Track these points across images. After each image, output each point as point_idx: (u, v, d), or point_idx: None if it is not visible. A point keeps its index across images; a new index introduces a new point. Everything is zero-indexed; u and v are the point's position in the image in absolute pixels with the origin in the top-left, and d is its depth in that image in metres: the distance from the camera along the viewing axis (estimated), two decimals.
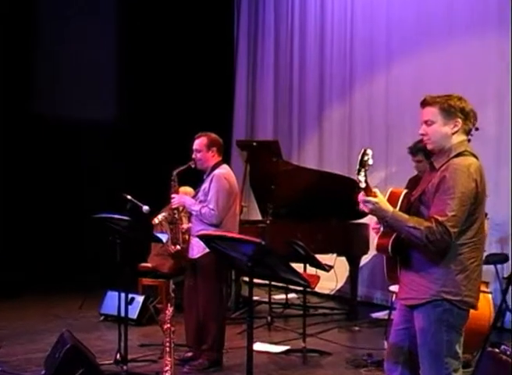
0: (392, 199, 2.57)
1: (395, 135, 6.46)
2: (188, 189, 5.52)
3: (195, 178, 4.45)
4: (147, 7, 7.91)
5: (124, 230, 3.95)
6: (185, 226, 4.39)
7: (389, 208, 2.48)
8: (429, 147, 2.59)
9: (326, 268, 4.36)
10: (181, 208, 4.34)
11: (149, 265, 5.79)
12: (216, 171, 4.17)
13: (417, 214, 2.52)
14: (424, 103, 2.57)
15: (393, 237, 2.53)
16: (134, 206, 4.79)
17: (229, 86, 8.48)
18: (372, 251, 5.82)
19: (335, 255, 5.86)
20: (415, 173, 4.37)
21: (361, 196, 2.46)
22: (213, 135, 4.28)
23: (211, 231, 3.83)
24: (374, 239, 2.66)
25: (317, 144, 7.56)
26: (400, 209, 2.54)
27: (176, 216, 4.27)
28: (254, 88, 8.42)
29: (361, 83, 7.03)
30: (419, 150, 4.04)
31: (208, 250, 3.69)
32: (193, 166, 4.23)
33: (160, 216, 5.00)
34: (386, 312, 5.39)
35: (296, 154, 7.77)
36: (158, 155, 7.56)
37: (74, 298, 6.27)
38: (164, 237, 4.72)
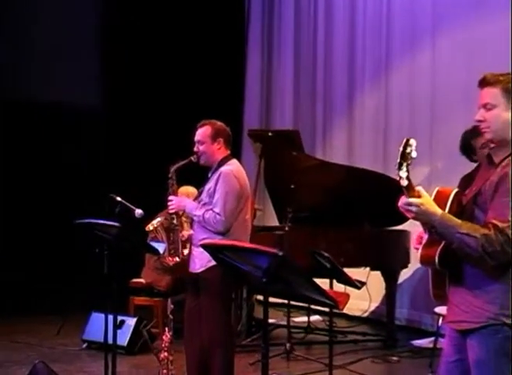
0: (439, 200, 2.53)
1: (442, 123, 6.43)
2: (190, 189, 5.53)
3: (198, 176, 4.44)
4: None
5: (112, 238, 3.95)
6: (186, 233, 4.37)
7: (437, 210, 2.44)
8: (487, 136, 2.54)
9: (357, 284, 4.31)
10: (181, 213, 4.33)
11: (142, 281, 5.81)
12: (223, 167, 4.16)
13: (470, 219, 2.48)
14: (484, 83, 2.50)
15: (441, 246, 2.49)
16: (125, 210, 4.77)
17: (238, 66, 8.51)
18: (414, 264, 5.79)
19: (368, 268, 5.85)
20: (468, 169, 4.31)
21: (403, 197, 2.42)
22: (219, 123, 4.27)
23: (218, 240, 3.80)
24: (414, 248, 2.63)
25: (346, 136, 7.55)
26: (450, 212, 2.50)
27: (175, 221, 4.27)
28: (270, 69, 8.44)
29: (400, 62, 7.00)
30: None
31: (213, 263, 3.66)
32: (195, 160, 4.22)
33: (155, 222, 5.01)
34: (432, 339, 5.37)
35: (321, 147, 7.77)
36: (153, 148, 7.62)
37: (51, 321, 6.29)
38: (160, 248, 4.70)
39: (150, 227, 4.96)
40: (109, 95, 8.13)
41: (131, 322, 5.52)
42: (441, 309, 4.16)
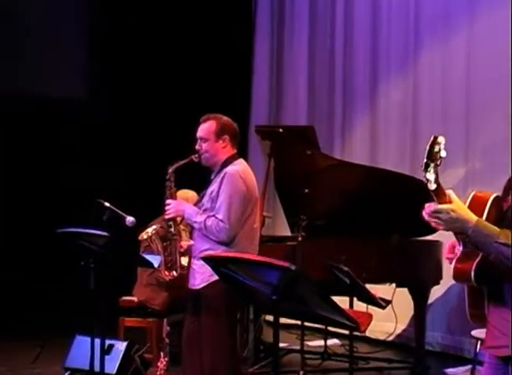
0: (475, 206, 2.53)
1: (479, 117, 6.42)
2: (189, 193, 5.53)
3: (199, 178, 4.46)
4: None
5: (100, 249, 3.97)
6: (184, 244, 4.38)
7: (471, 217, 2.44)
8: None
9: (382, 303, 4.32)
10: (179, 220, 4.34)
11: (134, 298, 5.81)
12: (229, 168, 4.16)
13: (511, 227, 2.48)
14: None
15: (478, 259, 2.49)
16: (114, 217, 4.79)
17: (245, 55, 8.52)
18: (448, 280, 5.74)
19: (393, 285, 5.83)
20: (509, 170, 4.30)
21: (430, 204, 2.42)
22: (225, 118, 4.28)
23: (221, 252, 3.80)
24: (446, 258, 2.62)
25: (368, 132, 7.55)
26: (488, 220, 2.50)
27: (172, 229, 4.27)
28: (281, 58, 8.45)
29: (431, 49, 6.99)
30: None
31: (216, 278, 3.65)
32: (196, 160, 4.23)
33: (150, 230, 5.00)
34: (468, 366, 5.36)
35: (340, 145, 7.78)
36: (149, 147, 7.64)
37: (27, 346, 6.29)
38: (155, 260, 4.70)
39: (143, 236, 4.95)
40: (100, 88, 8.16)
41: (121, 346, 5.51)
42: (479, 332, 4.15)
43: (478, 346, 4.63)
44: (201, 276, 4.10)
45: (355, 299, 4.45)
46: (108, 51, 8.16)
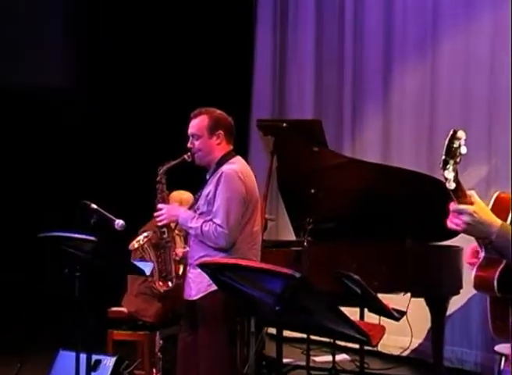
0: (499, 208, 2.54)
1: (504, 111, 6.40)
2: (184, 195, 5.54)
3: (193, 179, 4.46)
4: None
5: (86, 256, 3.98)
6: (179, 251, 4.39)
7: (495, 220, 2.44)
8: None
9: (396, 315, 4.30)
10: (173, 225, 4.34)
11: (124, 310, 5.82)
12: (225, 167, 4.18)
13: None
14: None
15: (501, 266, 2.49)
16: (102, 220, 4.80)
17: (245, 42, 8.51)
18: (468, 290, 5.75)
19: (408, 295, 5.82)
20: None
21: (451, 204, 2.42)
22: (218, 112, 4.29)
23: (219, 258, 3.81)
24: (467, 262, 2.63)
25: (381, 126, 7.55)
26: None
27: (166, 235, 4.29)
28: (284, 44, 8.44)
29: (452, 31, 6.98)
30: None
31: (213, 287, 3.67)
32: (189, 159, 4.25)
33: (142, 238, 5.02)
34: None
35: (349, 141, 7.79)
36: (139, 145, 7.62)
37: (5, 362, 6.28)
38: (147, 268, 4.72)
39: (135, 245, 4.97)
40: (88, 78, 8.15)
41: (109, 362, 5.50)
42: (503, 347, 4.13)
43: (502, 363, 4.62)
44: (198, 285, 4.12)
45: (366, 310, 4.44)
46: (93, 37, 8.13)
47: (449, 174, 2.35)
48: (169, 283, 4.34)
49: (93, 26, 8.14)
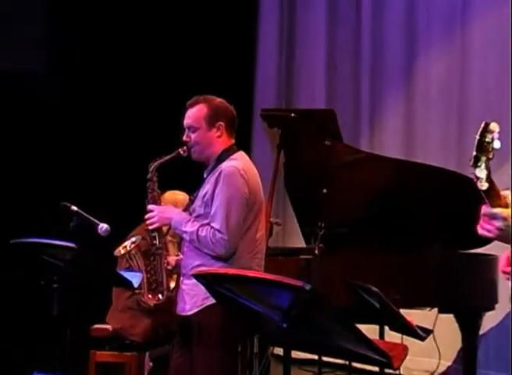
0: None
1: None
2: (178, 195, 5.56)
3: (189, 177, 4.47)
4: None
5: (66, 265, 3.99)
6: (172, 259, 4.39)
7: None
8: None
9: (421, 333, 4.32)
10: (165, 230, 4.35)
11: (108, 327, 5.83)
12: (225, 163, 4.18)
13: None
14: None
15: None
16: (83, 223, 4.81)
17: (248, 21, 8.52)
18: (504, 305, 5.76)
19: (435, 310, 5.83)
20: None
21: (483, 207, 2.42)
22: (218, 100, 4.30)
23: (217, 268, 3.81)
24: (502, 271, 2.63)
25: (403, 118, 7.58)
26: None
27: (157, 241, 4.29)
28: (293, 23, 8.45)
29: (485, 8, 6.98)
30: None
31: (211, 301, 3.67)
32: (184, 154, 4.25)
33: (129, 243, 5.02)
34: None
35: (367, 134, 7.82)
36: (127, 138, 7.61)
37: None
38: (135, 279, 4.73)
39: (121, 251, 4.96)
40: (63, 61, 8.15)
41: None
42: None
43: None
44: (193, 298, 4.11)
45: (386, 328, 4.45)
46: (71, 19, 8.12)
47: (481, 172, 2.35)
48: (160, 296, 4.34)
49: (71, 7, 8.13)
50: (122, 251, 4.93)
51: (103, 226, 4.71)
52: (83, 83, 8.00)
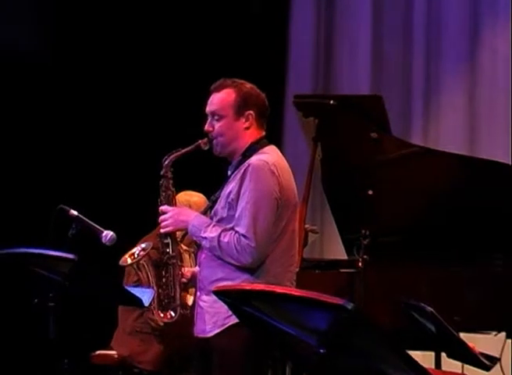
0: None
1: None
2: (193, 197, 5.60)
3: (209, 175, 4.46)
4: None
5: (64, 280, 4.00)
6: (188, 271, 4.38)
7: None
8: None
9: (485, 362, 4.30)
10: (179, 235, 4.34)
11: (113, 353, 5.85)
12: (254, 158, 4.18)
13: None
14: None
15: None
16: (85, 231, 4.82)
17: None
18: None
19: (503, 334, 5.80)
20: None
21: None
22: (248, 85, 4.30)
23: (243, 283, 3.81)
24: None
25: (465, 105, 7.57)
26: None
27: (170, 250, 4.29)
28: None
29: None
30: None
31: (234, 320, 3.67)
32: (205, 147, 4.26)
33: (137, 249, 5.01)
34: None
35: (421, 124, 7.80)
36: (134, 128, 7.62)
37: None
38: (146, 295, 4.72)
39: (128, 260, 4.97)
40: (62, 39, 8.19)
41: None
42: None
43: None
44: (213, 318, 4.12)
45: (444, 355, 4.42)
46: None
47: None
48: (172, 313, 4.31)
49: None
50: (130, 260, 4.92)
51: (108, 234, 4.72)
52: (80, 61, 8.00)
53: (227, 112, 4.22)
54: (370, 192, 5.84)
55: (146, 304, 4.53)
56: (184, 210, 4.38)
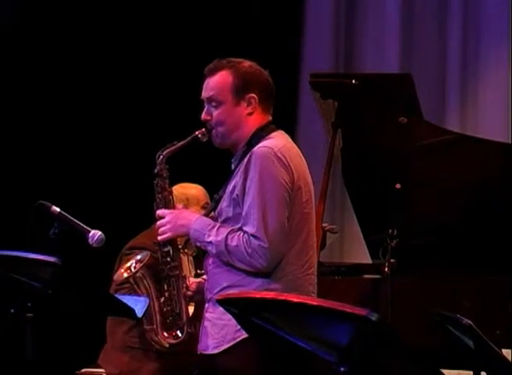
0: None
1: None
2: (191, 190, 5.63)
3: (211, 170, 4.47)
4: None
5: (44, 287, 4.01)
6: (194, 282, 4.38)
7: None
8: None
9: None
10: (180, 242, 4.37)
11: (101, 371, 5.86)
12: (260, 145, 4.18)
13: None
14: None
15: None
16: (69, 230, 4.83)
17: None
18: None
19: None
20: None
21: None
22: (247, 64, 4.30)
23: (255, 289, 3.85)
24: None
25: (507, 89, 7.57)
26: None
27: (170, 258, 4.29)
28: None
29: None
30: None
31: (242, 335, 3.68)
32: (203, 139, 4.27)
33: (133, 262, 5.02)
34: None
35: (457, 109, 7.84)
36: (125, 117, 7.65)
37: None
38: (139, 306, 4.73)
39: (123, 274, 4.97)
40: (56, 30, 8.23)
41: None
42: None
43: None
44: (221, 332, 4.12)
45: (484, 374, 4.43)
46: None
47: None
48: (178, 333, 4.32)
49: None
50: (126, 275, 4.92)
51: (95, 234, 4.73)
52: (68, 39, 8.06)
53: (225, 97, 4.21)
54: (398, 186, 5.86)
55: (139, 314, 4.54)
56: (183, 213, 4.39)
